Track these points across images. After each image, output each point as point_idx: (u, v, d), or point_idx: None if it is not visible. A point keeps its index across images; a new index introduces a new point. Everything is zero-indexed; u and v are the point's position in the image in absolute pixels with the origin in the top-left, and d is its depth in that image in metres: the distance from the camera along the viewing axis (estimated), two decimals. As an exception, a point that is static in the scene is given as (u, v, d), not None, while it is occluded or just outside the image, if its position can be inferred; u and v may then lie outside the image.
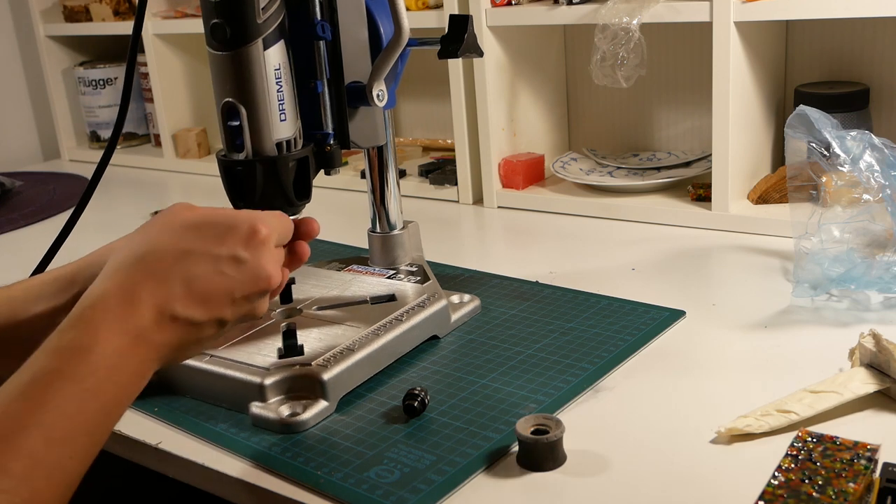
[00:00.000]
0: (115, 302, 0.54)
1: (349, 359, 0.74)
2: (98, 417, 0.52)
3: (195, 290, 0.56)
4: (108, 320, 0.53)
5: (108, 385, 0.52)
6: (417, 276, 0.89)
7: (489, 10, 1.21)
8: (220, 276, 0.57)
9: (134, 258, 0.56)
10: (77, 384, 0.51)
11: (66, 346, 0.52)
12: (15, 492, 0.47)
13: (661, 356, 0.79)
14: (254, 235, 0.58)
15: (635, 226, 1.15)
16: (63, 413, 0.50)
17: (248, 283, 0.58)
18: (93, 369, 0.51)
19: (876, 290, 0.85)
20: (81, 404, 0.51)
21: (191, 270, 0.56)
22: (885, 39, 1.14)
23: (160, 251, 0.56)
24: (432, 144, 1.54)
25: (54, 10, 1.81)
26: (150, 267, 0.55)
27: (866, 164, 0.83)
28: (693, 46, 1.27)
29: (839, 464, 0.55)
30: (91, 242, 0.80)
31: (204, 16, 0.70)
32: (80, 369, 0.51)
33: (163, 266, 0.56)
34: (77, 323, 0.53)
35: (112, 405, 0.53)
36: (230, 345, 0.77)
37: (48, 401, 0.50)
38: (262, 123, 0.71)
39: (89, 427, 0.51)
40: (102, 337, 0.52)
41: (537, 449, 0.63)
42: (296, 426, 0.70)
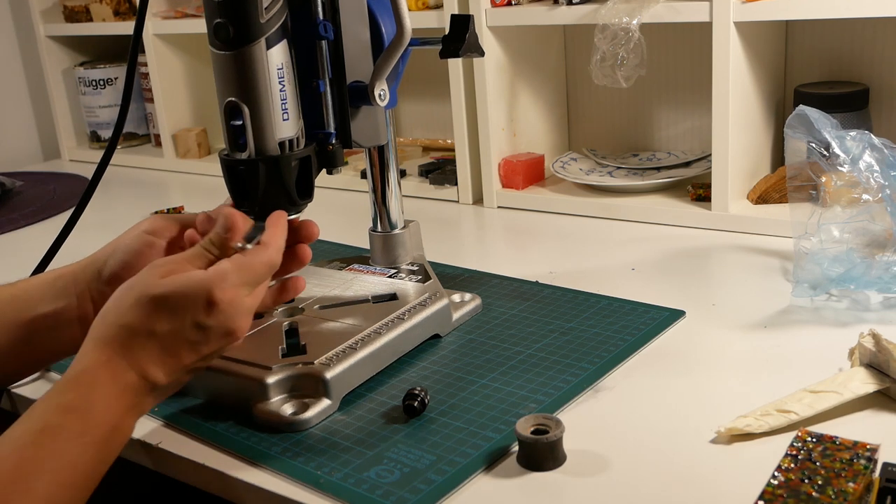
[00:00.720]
0: (102, 371, 0.61)
1: (352, 357, 0.74)
2: (94, 465, 0.59)
3: (166, 357, 0.63)
4: (99, 386, 0.61)
5: (103, 439, 0.60)
6: (419, 276, 0.89)
7: (489, 10, 1.21)
8: (186, 344, 0.63)
9: (113, 333, 0.63)
10: (78, 438, 0.58)
11: (67, 406, 0.59)
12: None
13: (661, 356, 0.79)
14: (213, 304, 0.63)
15: (635, 226, 1.15)
16: (67, 462, 0.57)
17: (213, 342, 0.64)
18: (92, 426, 0.59)
19: (875, 290, 0.85)
20: (82, 455, 0.58)
21: (159, 343, 0.63)
22: (885, 39, 1.14)
23: (131, 329, 0.62)
24: (432, 144, 1.54)
25: (54, 10, 1.81)
26: (126, 343, 0.62)
27: (866, 164, 0.83)
28: (693, 46, 1.27)
29: (839, 464, 0.55)
30: (91, 242, 0.80)
31: (207, 15, 0.70)
32: (80, 427, 0.59)
33: (137, 342, 0.62)
34: (74, 386, 0.61)
35: (105, 455, 0.61)
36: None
37: (56, 451, 0.57)
38: (265, 123, 0.71)
39: (87, 474, 0.59)
40: (96, 400, 0.60)
41: (537, 449, 0.63)
42: (299, 424, 0.70)
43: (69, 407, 0.59)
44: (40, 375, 0.85)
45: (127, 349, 0.62)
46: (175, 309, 0.62)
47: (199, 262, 0.66)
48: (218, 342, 0.64)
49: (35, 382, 0.84)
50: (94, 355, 0.62)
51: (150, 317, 0.62)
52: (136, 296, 0.63)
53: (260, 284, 0.66)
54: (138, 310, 0.62)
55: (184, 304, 0.62)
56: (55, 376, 0.85)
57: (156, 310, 0.62)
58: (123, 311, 0.63)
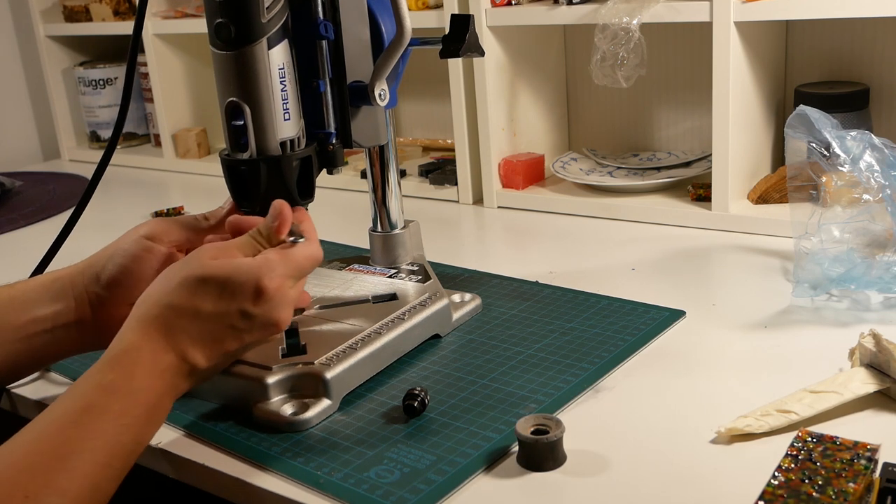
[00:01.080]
0: (144, 352, 0.62)
1: (352, 357, 0.74)
2: (131, 447, 0.60)
3: (208, 341, 0.64)
4: (141, 366, 0.61)
5: (142, 420, 0.61)
6: (419, 275, 0.89)
7: (489, 10, 1.21)
8: (229, 329, 0.64)
9: (157, 313, 0.63)
10: (119, 419, 0.59)
11: (110, 385, 0.60)
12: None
13: (661, 356, 0.79)
14: (261, 293, 0.64)
15: (635, 226, 1.15)
16: (107, 441, 0.58)
17: (256, 332, 0.65)
18: (132, 406, 0.60)
19: (876, 290, 0.85)
20: (122, 436, 0.59)
21: (204, 326, 0.64)
22: (885, 39, 1.14)
23: (177, 308, 0.63)
24: (432, 144, 1.54)
25: (54, 10, 1.81)
26: (170, 323, 0.63)
27: (866, 164, 0.83)
28: (693, 46, 1.27)
29: (839, 464, 0.55)
30: (91, 242, 0.80)
31: (208, 15, 0.70)
32: (121, 406, 0.60)
33: (180, 323, 0.63)
34: (115, 366, 0.61)
35: (143, 436, 0.61)
36: None
37: (98, 431, 0.58)
38: (267, 123, 0.71)
39: (125, 454, 0.60)
40: (138, 381, 0.61)
41: (537, 449, 0.63)
42: (299, 424, 0.70)
43: (110, 387, 0.60)
44: (40, 376, 0.85)
45: (169, 330, 0.63)
46: (222, 293, 0.63)
47: (247, 250, 0.67)
48: (261, 332, 0.65)
49: (35, 383, 0.84)
50: (136, 335, 0.62)
51: (196, 297, 0.63)
52: (184, 276, 0.64)
53: (303, 278, 0.68)
54: (184, 290, 0.63)
55: (231, 289, 0.63)
56: (55, 377, 0.85)
57: (203, 291, 0.63)
58: (169, 291, 0.64)
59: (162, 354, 0.62)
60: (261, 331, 0.65)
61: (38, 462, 0.55)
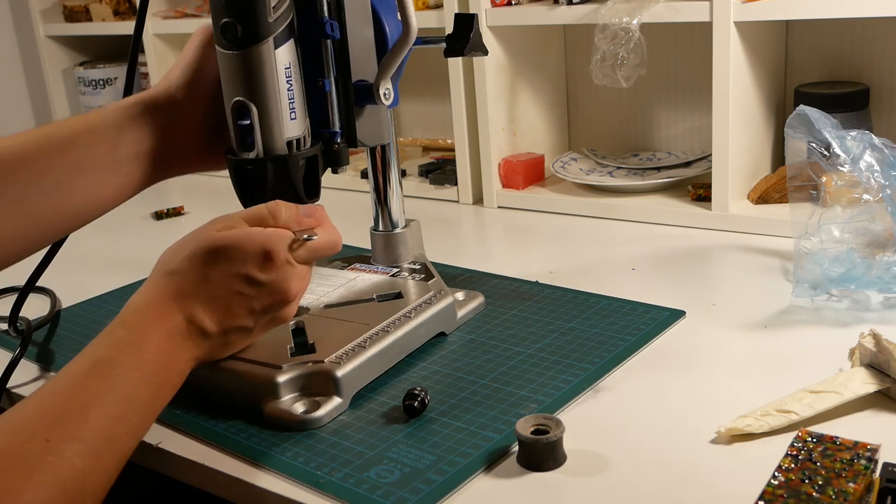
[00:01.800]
0: (153, 312, 0.64)
1: (361, 355, 0.74)
2: (146, 402, 0.62)
3: (216, 305, 0.66)
4: (149, 324, 0.64)
5: (154, 375, 0.62)
6: (421, 274, 0.89)
7: (489, 10, 1.21)
8: (235, 295, 0.66)
9: (165, 276, 0.66)
10: (130, 372, 0.61)
11: (119, 342, 0.62)
12: (85, 455, 0.56)
13: (661, 356, 0.79)
14: (268, 259, 0.66)
15: (635, 226, 1.15)
16: (120, 395, 0.60)
17: (264, 298, 0.67)
18: (142, 362, 0.62)
19: (876, 290, 0.85)
20: (135, 389, 0.61)
21: (211, 290, 0.65)
22: (885, 39, 1.14)
23: (185, 274, 0.65)
24: (432, 144, 1.54)
25: (54, 10, 1.81)
26: (177, 285, 0.65)
27: (866, 164, 0.83)
28: (693, 46, 1.27)
29: (839, 464, 0.55)
30: (91, 242, 0.81)
31: (213, 15, 0.70)
32: (132, 360, 0.61)
33: (187, 287, 0.65)
34: (125, 324, 0.64)
35: (157, 393, 0.63)
36: None
37: (110, 384, 0.60)
38: (273, 122, 0.71)
39: (140, 409, 0.61)
40: (146, 337, 0.63)
41: (537, 449, 0.63)
42: (311, 423, 0.70)
43: (120, 343, 0.62)
44: (40, 376, 0.85)
45: (177, 293, 0.65)
46: (229, 258, 0.65)
47: (253, 221, 0.68)
48: (269, 298, 0.67)
49: (36, 382, 0.84)
50: (143, 299, 0.65)
51: (204, 265, 0.65)
52: (193, 249, 0.66)
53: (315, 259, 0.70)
54: (193, 259, 0.65)
55: (239, 256, 0.65)
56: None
57: (210, 259, 0.65)
58: (178, 261, 0.66)
59: (170, 315, 0.64)
60: (269, 297, 0.67)
61: (54, 411, 0.57)
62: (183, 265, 0.66)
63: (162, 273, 0.66)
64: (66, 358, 0.88)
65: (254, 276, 0.65)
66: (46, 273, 0.89)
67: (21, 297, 0.90)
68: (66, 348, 0.90)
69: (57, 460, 0.54)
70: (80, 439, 0.56)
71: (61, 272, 1.10)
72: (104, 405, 0.58)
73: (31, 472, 0.53)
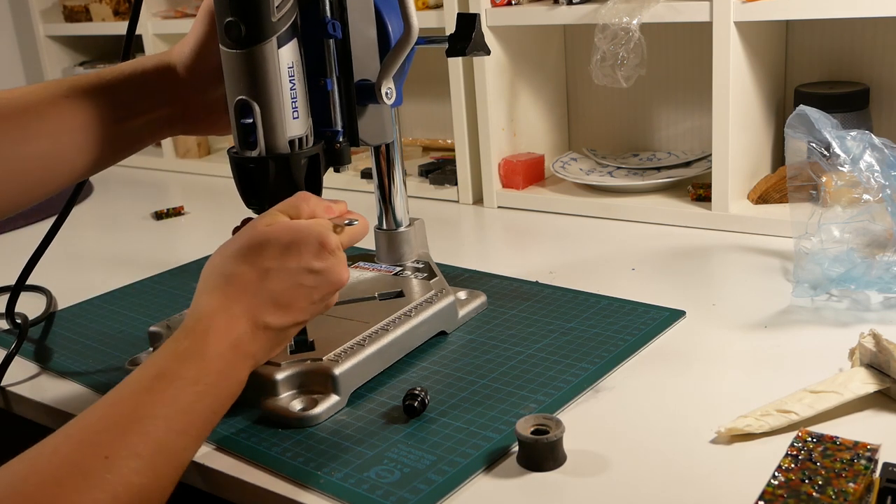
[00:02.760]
0: (218, 318, 0.63)
1: (360, 354, 0.75)
2: (207, 414, 0.61)
3: (280, 302, 0.65)
4: (214, 333, 0.63)
5: (216, 387, 0.62)
6: (424, 273, 0.90)
7: (489, 10, 1.21)
8: (299, 288, 0.66)
9: (225, 280, 0.65)
10: (192, 385, 0.60)
11: (183, 353, 0.61)
12: (143, 472, 0.55)
13: (661, 356, 0.79)
14: (323, 247, 0.66)
15: (635, 226, 1.15)
16: (181, 408, 0.59)
17: (323, 287, 0.67)
18: (204, 374, 0.61)
19: (876, 290, 0.85)
20: (195, 403, 0.60)
21: (274, 286, 0.65)
22: (885, 39, 1.14)
23: (245, 272, 0.65)
24: (432, 144, 1.54)
25: (54, 10, 1.81)
26: (240, 287, 0.64)
27: (866, 164, 0.83)
28: (693, 46, 1.27)
29: (839, 464, 0.55)
30: (91, 242, 0.81)
31: (217, 14, 0.70)
32: (194, 373, 0.61)
33: (250, 286, 0.64)
34: (189, 334, 0.63)
35: (217, 404, 0.62)
36: None
37: (169, 397, 0.59)
38: (276, 121, 0.71)
39: (200, 422, 0.61)
40: (211, 348, 0.62)
41: (537, 449, 0.63)
42: (308, 420, 0.71)
43: (184, 354, 0.61)
44: (38, 374, 0.85)
45: (241, 296, 0.64)
46: (286, 251, 0.65)
47: (291, 212, 0.68)
48: (327, 287, 0.67)
49: (32, 381, 0.84)
50: (206, 307, 0.64)
51: (262, 260, 0.65)
52: (245, 245, 0.65)
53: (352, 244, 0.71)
54: (248, 257, 0.65)
55: (297, 247, 0.65)
56: (54, 376, 0.85)
57: (266, 253, 0.65)
58: (232, 262, 0.65)
59: (235, 323, 0.63)
60: (328, 287, 0.67)
61: (114, 425, 0.56)
62: (239, 265, 0.65)
63: (219, 275, 0.65)
64: (64, 357, 0.88)
65: (313, 266, 0.65)
66: (46, 272, 0.89)
67: (15, 291, 0.90)
68: (64, 347, 0.90)
69: (115, 478, 0.54)
70: (139, 455, 0.56)
71: (61, 271, 1.10)
72: (165, 419, 0.58)
73: (90, 489, 0.53)
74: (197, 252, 1.15)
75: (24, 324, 0.91)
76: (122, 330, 0.93)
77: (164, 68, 0.77)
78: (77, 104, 0.73)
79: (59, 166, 0.73)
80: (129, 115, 0.75)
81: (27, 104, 0.71)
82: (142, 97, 0.76)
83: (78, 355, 0.88)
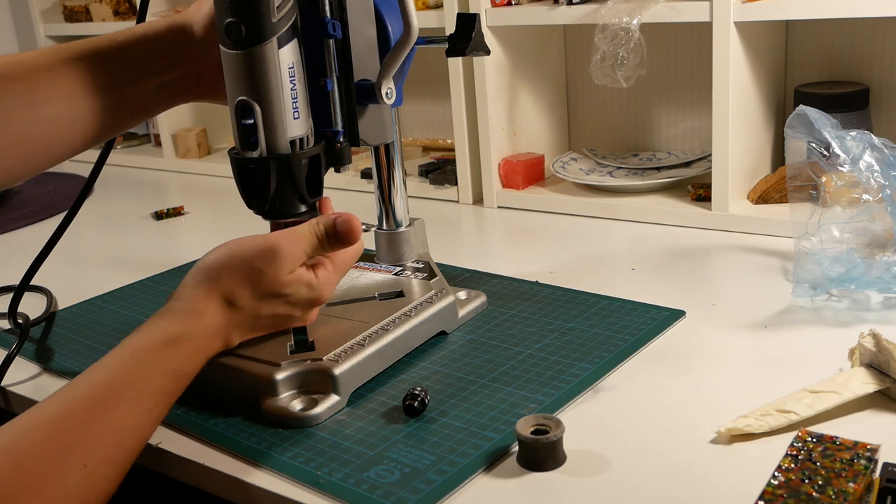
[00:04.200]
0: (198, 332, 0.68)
1: (360, 354, 0.75)
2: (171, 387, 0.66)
3: (253, 332, 0.72)
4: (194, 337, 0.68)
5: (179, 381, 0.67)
6: (424, 273, 0.90)
7: (489, 10, 1.21)
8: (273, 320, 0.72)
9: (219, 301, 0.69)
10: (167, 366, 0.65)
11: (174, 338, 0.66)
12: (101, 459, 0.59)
13: (661, 356, 0.79)
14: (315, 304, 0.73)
15: (635, 226, 1.15)
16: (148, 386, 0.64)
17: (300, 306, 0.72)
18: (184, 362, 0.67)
19: (876, 290, 0.85)
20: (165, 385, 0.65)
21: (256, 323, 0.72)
22: (885, 39, 1.14)
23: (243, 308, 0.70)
24: (432, 144, 1.54)
25: (54, 10, 1.81)
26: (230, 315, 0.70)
27: (866, 164, 0.83)
28: (693, 46, 1.27)
29: (839, 464, 0.55)
30: (91, 242, 0.81)
31: (217, 14, 0.70)
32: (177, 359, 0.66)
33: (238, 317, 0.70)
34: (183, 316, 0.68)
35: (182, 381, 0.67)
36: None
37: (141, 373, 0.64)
38: (277, 121, 0.71)
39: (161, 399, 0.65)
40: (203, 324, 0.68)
41: (537, 449, 0.63)
42: (308, 420, 0.71)
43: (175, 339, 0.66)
44: (38, 374, 0.85)
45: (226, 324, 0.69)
46: (286, 303, 0.71)
47: (303, 242, 0.71)
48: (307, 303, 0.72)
49: (33, 380, 0.84)
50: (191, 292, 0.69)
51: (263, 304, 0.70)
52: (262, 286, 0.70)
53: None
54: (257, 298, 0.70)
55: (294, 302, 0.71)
56: (54, 376, 0.85)
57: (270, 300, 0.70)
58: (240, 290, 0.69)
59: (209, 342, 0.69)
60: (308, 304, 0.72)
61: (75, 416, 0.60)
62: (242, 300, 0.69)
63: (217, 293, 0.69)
64: (64, 357, 0.88)
65: (295, 315, 0.72)
66: (45, 272, 0.89)
67: (18, 293, 0.90)
68: (65, 347, 0.90)
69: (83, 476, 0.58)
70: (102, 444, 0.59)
71: (61, 271, 1.10)
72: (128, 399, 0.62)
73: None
74: (197, 252, 1.15)
75: (25, 324, 0.91)
76: (122, 330, 0.93)
77: (178, 28, 0.76)
78: (88, 66, 0.72)
79: (71, 131, 0.72)
80: (141, 76, 0.74)
81: (38, 67, 0.70)
82: (155, 57, 0.75)
83: (78, 355, 0.88)
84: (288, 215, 0.74)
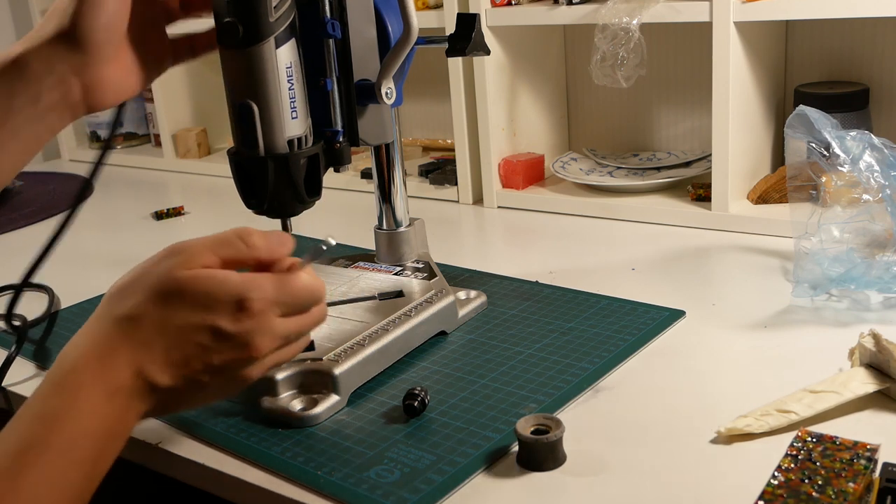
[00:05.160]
0: (93, 365, 0.55)
1: (360, 354, 0.75)
2: (82, 481, 0.54)
3: (171, 358, 0.56)
4: (88, 387, 0.54)
5: (93, 449, 0.54)
6: (424, 273, 0.90)
7: (489, 10, 1.21)
8: (197, 348, 0.56)
9: (114, 321, 0.56)
10: (62, 455, 0.52)
11: (50, 414, 0.53)
12: None
13: (661, 356, 0.79)
14: (242, 308, 0.56)
15: (635, 226, 1.15)
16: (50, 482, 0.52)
17: (227, 353, 0.57)
18: (76, 437, 0.53)
19: (876, 290, 0.85)
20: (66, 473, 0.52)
21: (168, 340, 0.56)
22: (885, 39, 1.14)
23: (140, 317, 0.56)
24: (432, 144, 1.54)
25: (54, 9, 1.81)
26: (129, 333, 0.56)
27: (866, 164, 0.83)
28: (693, 46, 1.27)
29: (839, 464, 0.55)
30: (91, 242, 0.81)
31: (215, 14, 0.70)
32: (66, 440, 0.53)
33: (141, 334, 0.56)
34: (59, 390, 0.54)
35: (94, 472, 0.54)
36: None
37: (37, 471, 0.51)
38: (275, 121, 0.71)
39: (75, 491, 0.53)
40: (82, 405, 0.53)
41: (537, 449, 0.63)
42: (308, 420, 0.71)
43: (54, 416, 0.53)
44: (38, 374, 0.85)
45: (126, 342, 0.55)
46: (196, 306, 0.56)
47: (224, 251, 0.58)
48: (231, 353, 0.57)
49: (33, 381, 0.84)
50: (84, 348, 0.55)
51: (165, 310, 0.56)
52: (152, 288, 0.56)
53: (298, 313, 0.60)
54: (151, 303, 0.56)
55: (209, 304, 0.56)
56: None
57: (175, 304, 0.56)
58: (131, 304, 0.56)
59: (113, 371, 0.54)
60: (232, 352, 0.57)
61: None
62: (138, 309, 0.56)
63: (110, 317, 0.56)
64: (66, 358, 0.88)
65: (222, 327, 0.56)
66: (46, 272, 0.89)
67: (17, 293, 0.90)
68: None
69: None
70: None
71: (61, 271, 1.10)
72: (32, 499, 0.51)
73: None
74: (197, 252, 1.15)
75: (22, 326, 0.91)
76: (122, 330, 0.93)
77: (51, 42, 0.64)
78: None
79: None
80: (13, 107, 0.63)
81: None
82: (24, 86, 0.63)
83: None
84: (286, 215, 0.74)
